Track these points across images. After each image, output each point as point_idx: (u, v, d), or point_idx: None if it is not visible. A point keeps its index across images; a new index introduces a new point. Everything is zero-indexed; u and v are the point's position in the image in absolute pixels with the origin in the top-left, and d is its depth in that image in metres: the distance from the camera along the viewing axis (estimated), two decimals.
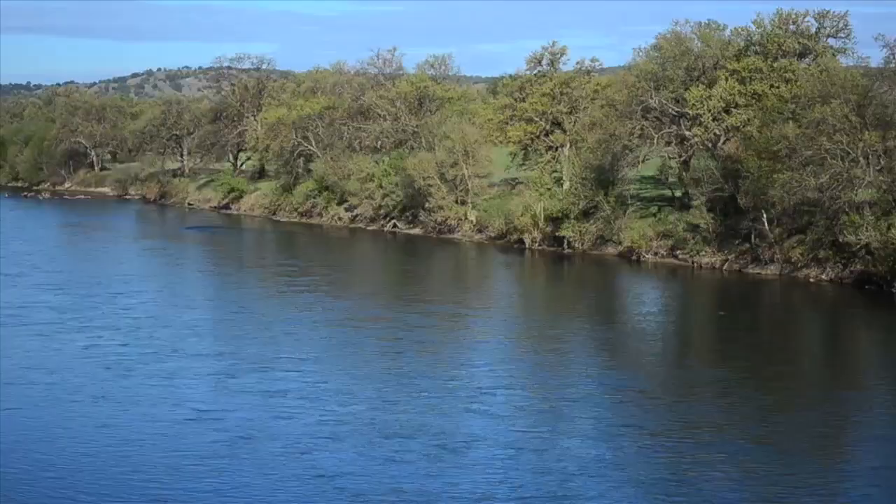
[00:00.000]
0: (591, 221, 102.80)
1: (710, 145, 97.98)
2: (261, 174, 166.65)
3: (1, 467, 40.69)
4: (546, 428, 45.59)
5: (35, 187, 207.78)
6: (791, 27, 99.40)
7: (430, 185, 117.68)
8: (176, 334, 65.01)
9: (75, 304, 75.63)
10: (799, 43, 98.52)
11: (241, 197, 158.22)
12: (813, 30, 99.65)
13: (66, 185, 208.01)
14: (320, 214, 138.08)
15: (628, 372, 56.90)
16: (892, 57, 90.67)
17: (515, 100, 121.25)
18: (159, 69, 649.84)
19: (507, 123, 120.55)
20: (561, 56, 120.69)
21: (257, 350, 60.63)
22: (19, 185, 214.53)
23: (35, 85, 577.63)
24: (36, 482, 39.23)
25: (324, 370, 56.36)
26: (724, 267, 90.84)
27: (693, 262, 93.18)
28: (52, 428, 45.95)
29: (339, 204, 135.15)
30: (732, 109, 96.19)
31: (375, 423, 45.72)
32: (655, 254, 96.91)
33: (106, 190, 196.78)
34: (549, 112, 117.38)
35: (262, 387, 52.09)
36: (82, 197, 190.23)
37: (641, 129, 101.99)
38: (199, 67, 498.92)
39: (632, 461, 41.28)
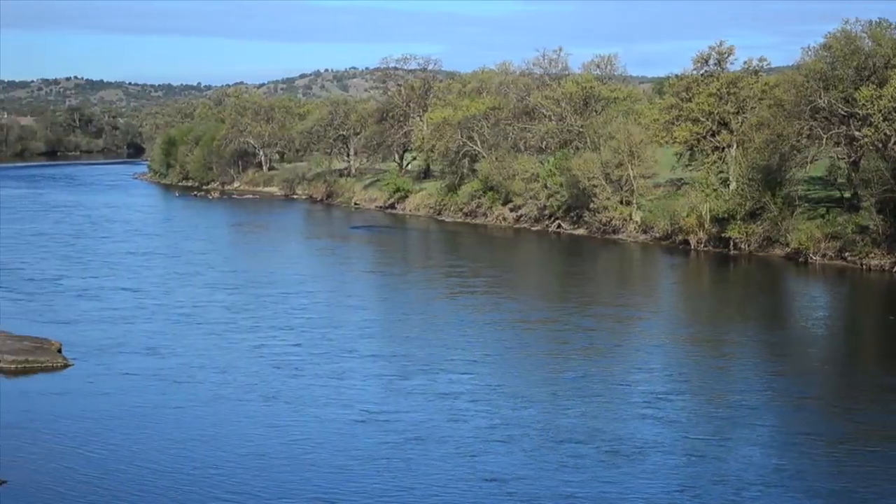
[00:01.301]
0: (758, 222, 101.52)
1: (880, 146, 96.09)
2: (426, 174, 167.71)
3: (168, 465, 41.40)
4: (721, 434, 44.79)
5: (204, 187, 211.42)
6: None
7: (594, 186, 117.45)
8: (346, 335, 65.44)
9: (247, 303, 76.66)
10: None
11: (407, 197, 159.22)
12: None
13: (235, 184, 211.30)
14: (485, 214, 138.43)
15: (802, 377, 55.90)
16: None
17: (682, 100, 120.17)
18: (327, 70, 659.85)
19: (672, 123, 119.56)
20: (728, 56, 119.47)
21: (427, 351, 60.73)
22: (189, 184, 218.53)
23: (205, 86, 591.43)
24: (203, 480, 39.78)
25: (494, 372, 56.15)
26: (894, 269, 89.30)
27: (862, 265, 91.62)
28: (220, 427, 46.58)
29: (504, 204, 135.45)
30: None
31: (547, 427, 45.50)
32: (823, 255, 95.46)
33: (274, 189, 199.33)
34: (715, 112, 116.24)
35: (432, 388, 52.14)
36: (250, 196, 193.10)
37: (810, 129, 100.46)
38: (366, 68, 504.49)
39: (812, 470, 40.53)
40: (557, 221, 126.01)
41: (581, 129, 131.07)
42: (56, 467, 41.15)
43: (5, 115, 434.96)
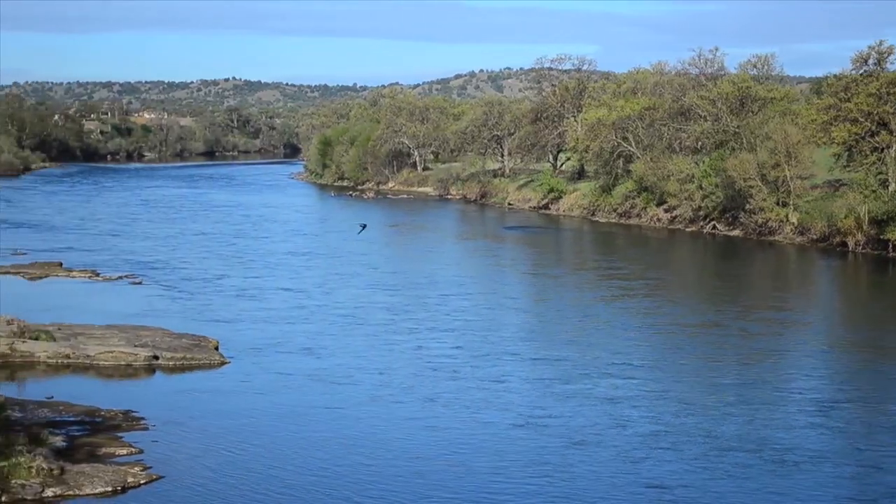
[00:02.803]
0: None
1: None
2: (580, 175, 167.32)
3: (323, 465, 41.69)
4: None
5: (359, 187, 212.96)
6: None
7: (750, 187, 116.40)
8: (505, 337, 65.12)
9: (406, 305, 76.67)
10: None
11: (561, 197, 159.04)
12: None
13: (390, 184, 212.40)
14: (639, 215, 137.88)
15: None
16: None
17: (840, 100, 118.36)
18: (481, 70, 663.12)
19: (830, 124, 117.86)
20: (888, 55, 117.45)
21: (587, 355, 60.03)
22: (344, 184, 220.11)
23: (361, 86, 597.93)
24: (360, 481, 39.88)
25: (657, 377, 55.31)
26: None
27: None
28: (377, 428, 46.57)
29: (658, 205, 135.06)
30: None
31: (712, 434, 44.71)
32: None
33: (428, 189, 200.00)
34: (875, 112, 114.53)
35: (592, 392, 51.58)
36: (405, 196, 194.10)
37: None
38: (521, 68, 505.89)
39: None
40: (712, 223, 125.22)
41: (737, 130, 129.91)
42: (212, 464, 41.78)
43: (166, 116, 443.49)
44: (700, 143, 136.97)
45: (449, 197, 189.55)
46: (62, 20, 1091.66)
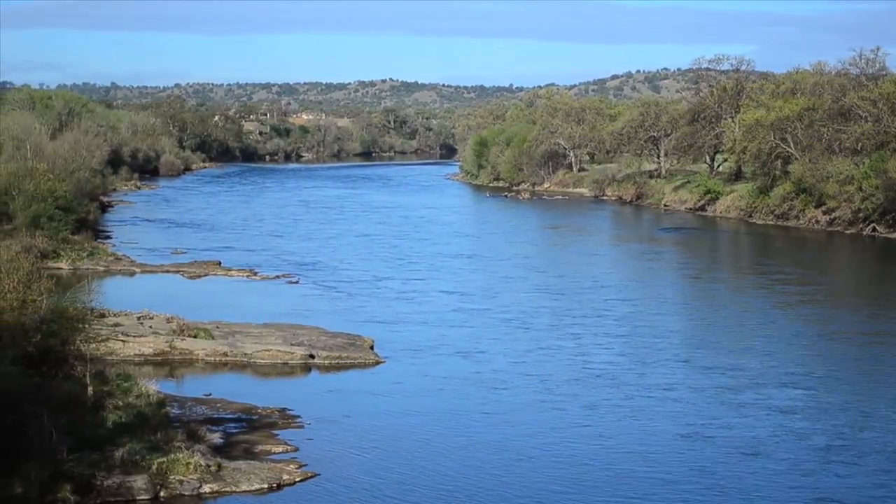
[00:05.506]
0: None
1: None
2: (737, 176, 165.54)
3: (477, 470, 41.33)
4: None
5: (515, 187, 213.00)
6: None
7: None
8: (671, 344, 63.75)
9: (569, 309, 75.33)
10: None
11: (717, 199, 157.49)
12: None
13: (545, 185, 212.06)
14: (797, 217, 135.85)
15: None
16: None
17: None
18: (638, 71, 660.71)
19: None
20: None
21: (759, 363, 58.23)
22: (499, 185, 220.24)
23: (517, 87, 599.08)
24: (513, 486, 39.43)
25: (833, 387, 53.23)
26: None
27: None
28: (534, 434, 45.91)
29: (817, 207, 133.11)
30: None
31: (894, 450, 43.20)
32: None
33: (583, 190, 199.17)
34: None
35: (765, 403, 49.97)
36: (560, 197, 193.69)
37: None
38: (678, 69, 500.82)
39: None
40: (872, 225, 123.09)
41: None
42: (366, 463, 41.77)
43: (323, 117, 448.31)
44: (860, 144, 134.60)
45: (604, 198, 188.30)
46: (222, 22, 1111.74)
